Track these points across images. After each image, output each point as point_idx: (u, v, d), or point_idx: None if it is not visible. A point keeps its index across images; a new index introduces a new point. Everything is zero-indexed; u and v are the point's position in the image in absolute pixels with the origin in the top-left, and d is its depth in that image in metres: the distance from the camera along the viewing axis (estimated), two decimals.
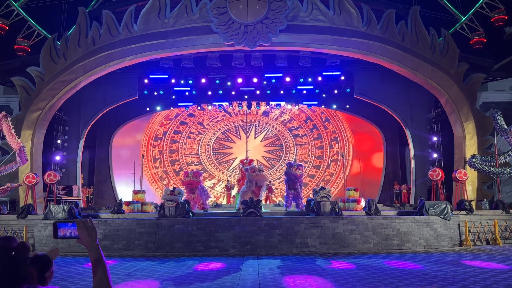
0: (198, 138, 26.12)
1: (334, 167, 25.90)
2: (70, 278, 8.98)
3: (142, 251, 13.43)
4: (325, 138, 26.21)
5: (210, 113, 26.44)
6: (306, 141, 26.30)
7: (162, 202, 15.20)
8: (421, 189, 21.68)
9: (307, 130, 26.41)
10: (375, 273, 9.36)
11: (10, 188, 16.99)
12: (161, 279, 9.00)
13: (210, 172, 25.89)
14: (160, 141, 25.90)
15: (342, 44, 18.39)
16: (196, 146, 25.99)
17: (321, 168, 26.00)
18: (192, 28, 18.00)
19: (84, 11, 18.93)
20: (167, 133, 25.95)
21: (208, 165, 25.90)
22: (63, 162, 21.89)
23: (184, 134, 26.01)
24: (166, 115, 26.11)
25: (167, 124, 26.15)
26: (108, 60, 18.47)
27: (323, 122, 26.39)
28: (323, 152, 26.15)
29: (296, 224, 13.89)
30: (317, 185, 25.35)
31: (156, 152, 25.76)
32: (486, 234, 14.93)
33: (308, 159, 26.03)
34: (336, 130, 26.14)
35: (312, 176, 25.81)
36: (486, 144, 19.36)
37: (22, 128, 18.43)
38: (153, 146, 25.82)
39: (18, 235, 13.87)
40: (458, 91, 19.07)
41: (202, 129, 26.24)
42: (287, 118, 26.58)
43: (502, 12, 21.75)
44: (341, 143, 26.07)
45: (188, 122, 26.20)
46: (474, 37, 22.21)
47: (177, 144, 25.88)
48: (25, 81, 18.81)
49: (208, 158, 25.89)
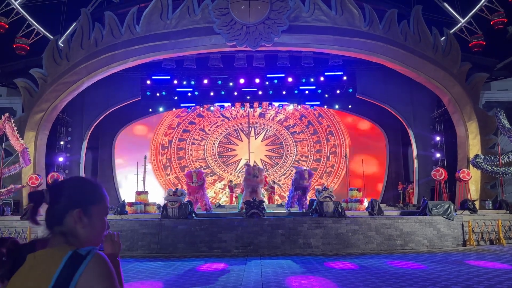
0: (202, 144, 26.69)
1: (334, 159, 26.48)
2: None
3: (145, 252, 13.46)
4: (321, 133, 26.81)
5: (210, 119, 26.93)
6: (304, 137, 26.93)
7: (165, 203, 15.22)
8: (424, 189, 21.62)
9: (303, 127, 26.99)
10: (378, 273, 9.34)
11: (14, 189, 17.03)
12: (164, 279, 9.01)
13: (219, 175, 26.32)
14: (167, 150, 26.50)
15: (344, 44, 18.37)
16: (201, 151, 26.59)
17: (322, 161, 26.60)
18: (194, 29, 18.03)
19: (87, 12, 18.99)
20: (172, 141, 26.57)
21: (216, 168, 26.42)
22: (66, 163, 21.95)
23: (189, 141, 26.63)
24: (169, 125, 26.63)
25: (171, 133, 26.68)
26: (111, 62, 18.51)
27: (316, 118, 26.95)
28: (321, 146, 26.74)
29: (299, 224, 13.88)
30: (321, 177, 26.05)
31: (165, 160, 26.31)
32: (489, 234, 14.89)
33: (308, 154, 26.63)
34: (330, 124, 26.78)
35: (314, 169, 26.21)
36: (490, 144, 19.28)
37: (25, 130, 18.49)
38: (161, 155, 26.39)
39: (21, 236, 13.92)
40: (461, 90, 19.01)
41: (204, 135, 26.79)
42: (283, 117, 27.12)
43: (501, 15, 21.75)
44: (336, 136, 26.69)
45: (190, 130, 26.77)
46: (473, 40, 22.22)
47: (183, 151, 26.55)
48: (28, 83, 18.87)
49: (215, 162, 26.45)
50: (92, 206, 1.60)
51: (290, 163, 26.33)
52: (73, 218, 1.55)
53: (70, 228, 1.56)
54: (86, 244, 1.56)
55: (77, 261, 1.42)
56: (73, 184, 1.65)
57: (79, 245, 1.52)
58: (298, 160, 26.39)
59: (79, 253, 1.44)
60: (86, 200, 1.60)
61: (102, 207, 1.64)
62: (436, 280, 8.37)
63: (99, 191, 1.67)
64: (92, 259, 1.43)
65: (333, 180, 25.99)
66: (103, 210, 1.65)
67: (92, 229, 1.59)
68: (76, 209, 1.56)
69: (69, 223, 1.56)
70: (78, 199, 1.59)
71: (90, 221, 1.58)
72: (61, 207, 1.57)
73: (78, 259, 1.42)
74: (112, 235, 1.86)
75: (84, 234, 1.57)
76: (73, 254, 1.43)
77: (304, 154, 26.59)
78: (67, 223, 1.56)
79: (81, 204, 1.58)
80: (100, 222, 1.63)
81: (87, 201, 1.60)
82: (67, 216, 1.56)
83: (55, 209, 1.58)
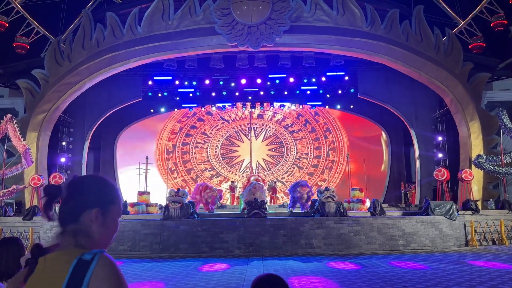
0: (205, 147, 27.22)
1: (333, 154, 26.97)
2: None
3: (147, 252, 13.46)
4: (318, 130, 27.33)
5: (210, 122, 27.42)
6: (302, 136, 27.43)
7: (166, 203, 15.23)
8: (426, 189, 21.57)
9: (300, 125, 27.49)
10: (380, 273, 9.33)
11: (16, 190, 17.07)
12: (166, 280, 9.01)
13: (225, 176, 26.75)
14: (172, 154, 27.04)
15: (346, 44, 18.35)
16: (205, 154, 27.13)
17: (322, 157, 27.08)
18: (196, 30, 18.03)
19: (89, 13, 19.03)
20: (176, 146, 27.10)
21: (220, 169, 26.90)
22: (68, 164, 21.98)
23: (192, 145, 27.18)
24: (171, 130, 27.15)
25: (174, 137, 27.19)
26: (113, 62, 18.54)
27: (313, 116, 27.41)
28: (320, 143, 27.25)
29: (300, 224, 13.87)
30: (322, 173, 26.46)
31: (171, 165, 26.84)
32: (492, 234, 14.85)
33: (308, 151, 27.12)
34: (327, 122, 27.27)
35: (315, 166, 26.78)
36: (492, 144, 19.23)
37: (28, 130, 18.53)
38: (166, 159, 26.90)
39: (24, 236, 13.94)
40: (463, 90, 18.96)
41: (206, 138, 27.32)
42: (281, 117, 27.59)
43: (501, 17, 21.72)
44: (334, 133, 27.17)
45: (192, 134, 27.28)
46: (473, 41, 22.20)
47: (188, 154, 27.09)
48: (30, 84, 18.91)
49: (219, 163, 26.99)
50: (110, 207, 1.60)
51: (291, 161, 26.82)
52: (90, 217, 1.54)
53: (85, 227, 1.54)
54: (99, 243, 1.55)
55: (84, 268, 1.41)
56: (92, 182, 1.64)
57: (91, 246, 1.51)
58: (299, 158, 26.89)
59: (84, 259, 1.43)
60: (104, 200, 1.60)
61: (117, 209, 1.64)
62: (439, 281, 8.35)
63: (116, 192, 1.67)
64: (97, 263, 1.42)
65: (334, 175, 26.48)
66: (118, 212, 1.65)
67: (106, 230, 1.59)
68: (94, 208, 1.55)
69: (85, 222, 1.55)
70: (97, 198, 1.58)
71: (105, 221, 1.58)
72: (79, 205, 1.56)
73: (85, 265, 1.42)
74: None
75: (98, 234, 1.56)
76: (79, 261, 1.43)
77: (304, 151, 27.08)
78: (83, 221, 1.55)
79: (99, 203, 1.57)
80: (114, 223, 1.63)
81: (105, 201, 1.60)
82: (84, 214, 1.55)
83: (72, 206, 1.57)
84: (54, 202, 1.62)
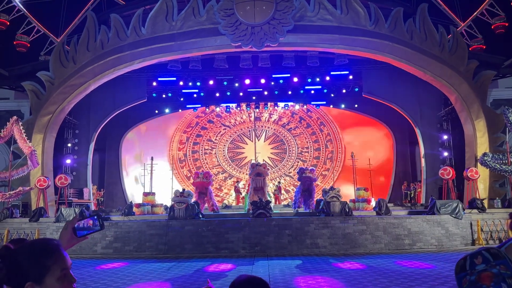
0: (213, 152, 28.23)
1: (331, 146, 27.86)
2: (82, 281, 9.05)
3: (153, 253, 13.50)
4: (314, 125, 28.27)
5: (213, 129, 28.37)
6: (300, 132, 28.40)
7: (172, 204, 15.26)
8: (432, 188, 21.48)
9: (296, 123, 28.39)
10: (386, 273, 9.30)
11: (22, 191, 17.18)
12: (172, 280, 9.03)
13: (237, 176, 27.44)
14: (185, 162, 28.05)
15: (350, 43, 18.31)
16: (215, 159, 28.13)
17: (321, 150, 28.02)
18: (200, 30, 18.06)
19: (93, 15, 19.11)
20: (187, 154, 28.07)
21: (232, 171, 27.85)
22: (73, 165, 22.09)
23: (201, 152, 28.23)
24: (179, 140, 28.06)
25: (183, 147, 28.16)
26: (117, 64, 18.61)
27: (306, 113, 28.20)
28: (317, 136, 28.21)
29: (306, 224, 13.85)
30: (324, 163, 27.42)
31: (186, 172, 27.69)
32: (499, 233, 14.74)
33: (308, 145, 28.11)
34: (319, 116, 28.12)
35: (317, 158, 27.72)
36: (498, 142, 19.11)
37: (33, 132, 18.63)
38: (180, 167, 27.85)
39: (30, 238, 14.02)
40: (468, 88, 18.86)
41: (213, 144, 28.32)
42: (276, 117, 28.46)
43: (502, 19, 21.59)
44: (328, 126, 27.97)
45: (199, 142, 28.31)
46: (473, 43, 22.10)
47: (199, 161, 28.10)
48: (35, 86, 19.02)
49: (229, 166, 28.01)
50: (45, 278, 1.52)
51: (294, 156, 27.85)
52: None
53: None
54: None
55: None
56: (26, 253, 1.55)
57: None
58: (301, 152, 27.85)
59: None
60: (38, 273, 1.52)
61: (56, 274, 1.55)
62: (445, 280, 8.30)
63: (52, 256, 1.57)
64: None
65: (336, 163, 27.31)
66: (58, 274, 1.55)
67: None
68: (28, 282, 1.49)
69: None
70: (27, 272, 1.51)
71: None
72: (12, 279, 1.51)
73: None
74: None
75: None
76: None
77: (305, 146, 28.10)
78: None
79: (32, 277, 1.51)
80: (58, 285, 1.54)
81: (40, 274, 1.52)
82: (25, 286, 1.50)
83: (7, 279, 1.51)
84: None
